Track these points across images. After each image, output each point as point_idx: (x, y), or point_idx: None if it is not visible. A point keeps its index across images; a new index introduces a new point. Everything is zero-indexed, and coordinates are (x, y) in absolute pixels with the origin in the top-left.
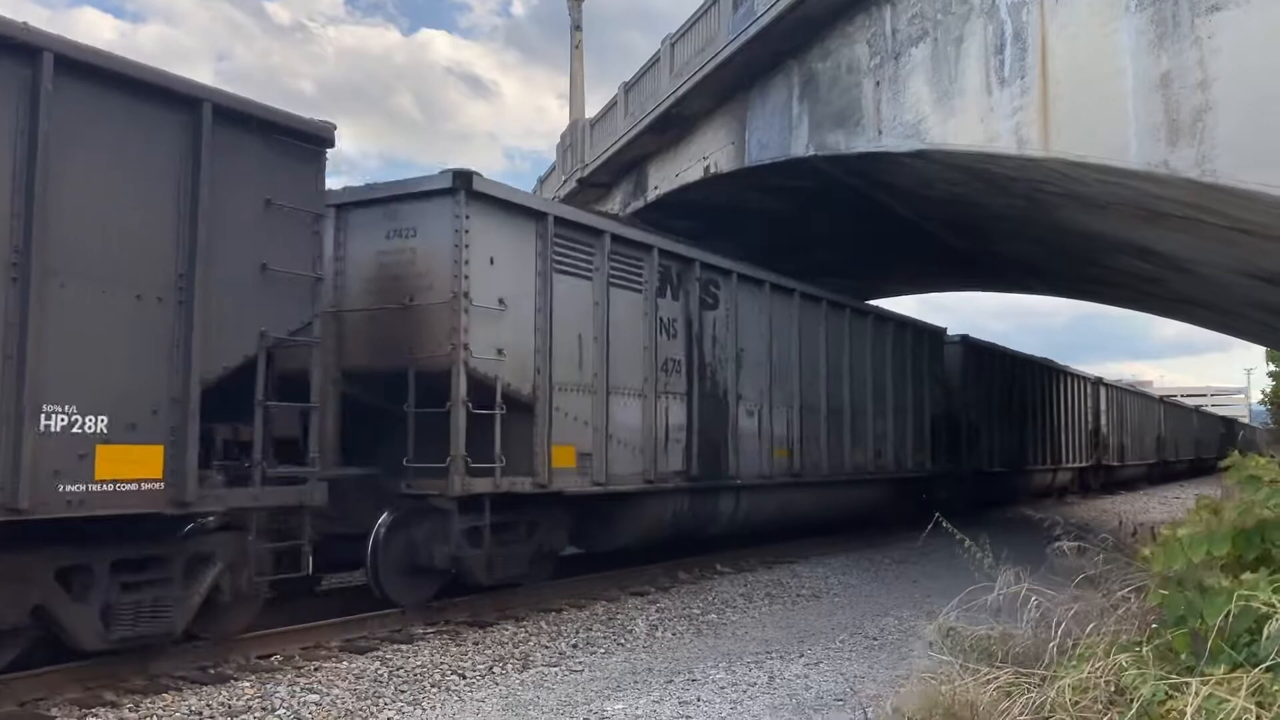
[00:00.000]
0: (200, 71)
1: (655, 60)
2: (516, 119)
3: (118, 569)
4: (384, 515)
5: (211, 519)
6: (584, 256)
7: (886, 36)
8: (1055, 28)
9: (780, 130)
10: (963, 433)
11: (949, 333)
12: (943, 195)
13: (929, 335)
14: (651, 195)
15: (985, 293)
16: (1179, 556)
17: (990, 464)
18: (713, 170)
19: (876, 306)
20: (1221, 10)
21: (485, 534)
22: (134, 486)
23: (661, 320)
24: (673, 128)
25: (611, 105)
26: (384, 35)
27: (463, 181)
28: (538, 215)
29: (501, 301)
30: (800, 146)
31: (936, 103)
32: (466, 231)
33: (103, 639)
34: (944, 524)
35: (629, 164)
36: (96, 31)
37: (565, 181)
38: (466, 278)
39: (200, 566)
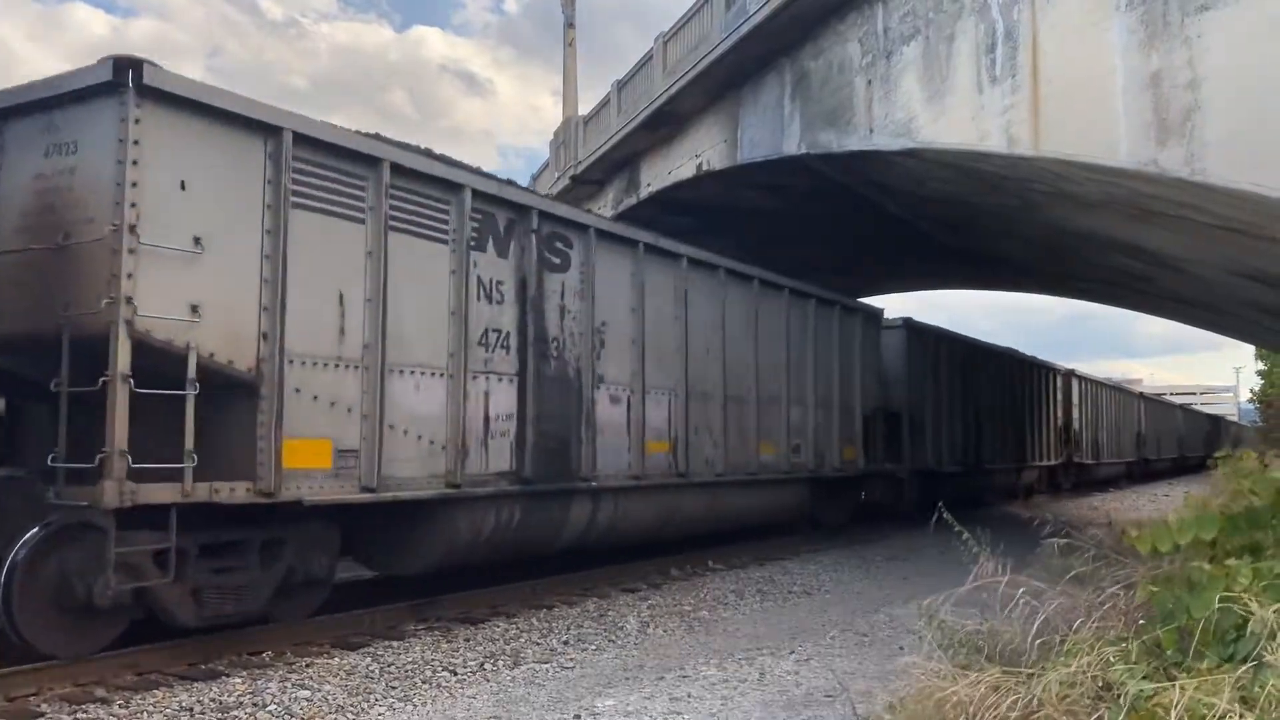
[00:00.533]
0: (191, 67)
1: (648, 58)
2: (510, 116)
3: None
4: (29, 533)
5: None
6: (348, 191)
7: (878, 35)
8: (1046, 27)
9: (772, 128)
10: (904, 427)
11: (889, 316)
12: (934, 194)
13: (864, 316)
14: (644, 192)
15: (977, 291)
16: (1166, 539)
17: (939, 462)
18: (705, 168)
19: (795, 281)
20: (1211, 10)
21: (175, 559)
22: None
23: (479, 280)
24: (665, 125)
25: (605, 103)
26: (377, 32)
27: (130, 75)
28: (267, 129)
29: (198, 241)
30: (792, 145)
31: (928, 101)
32: (136, 142)
33: None
34: (947, 519)
35: (622, 161)
36: (87, 27)
37: (559, 178)
38: (134, 205)
39: None
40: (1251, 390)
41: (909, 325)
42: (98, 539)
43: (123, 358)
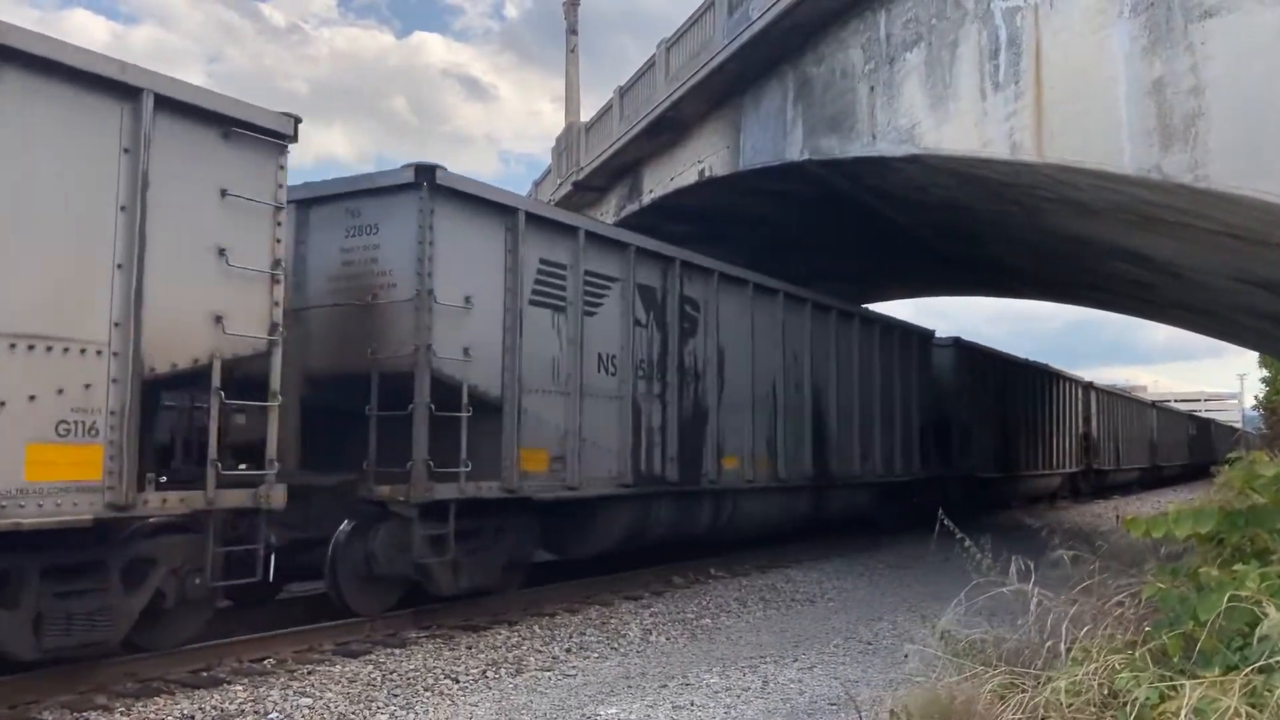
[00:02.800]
0: (192, 73)
1: (650, 64)
2: (510, 122)
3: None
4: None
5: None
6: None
7: (881, 41)
8: (1049, 33)
9: (774, 135)
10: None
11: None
12: (937, 200)
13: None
14: (646, 199)
15: (980, 297)
16: (1161, 527)
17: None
18: (707, 174)
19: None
20: (1214, 17)
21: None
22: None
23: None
24: (667, 132)
25: (607, 109)
26: (377, 38)
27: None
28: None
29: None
30: (794, 151)
31: (930, 108)
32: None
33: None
34: (948, 526)
35: (624, 168)
36: (89, 33)
37: (560, 185)
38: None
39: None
40: (1256, 397)
41: (958, 344)
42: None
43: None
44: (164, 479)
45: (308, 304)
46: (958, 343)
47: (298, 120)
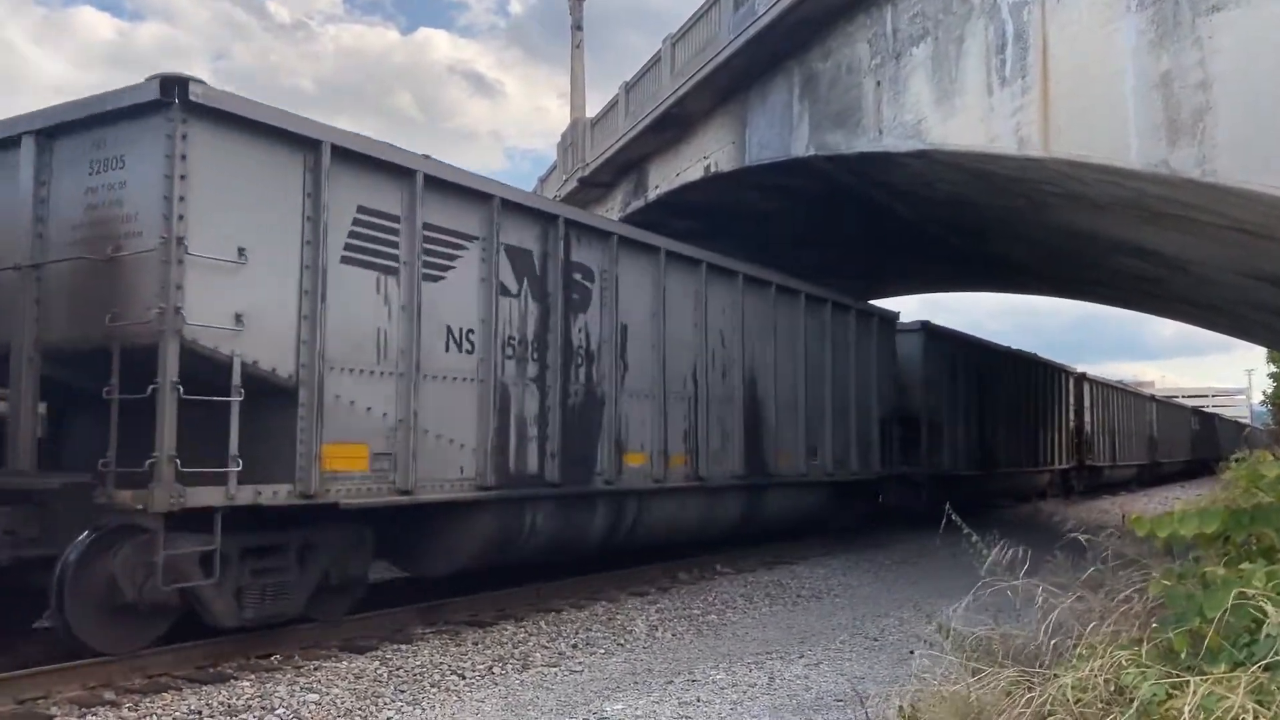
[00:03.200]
0: (197, 70)
1: (656, 60)
2: (516, 119)
3: None
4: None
5: None
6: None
7: (887, 36)
8: (1056, 28)
9: (780, 130)
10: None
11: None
12: (943, 195)
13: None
14: (652, 195)
15: (986, 293)
16: (1166, 526)
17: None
18: (713, 170)
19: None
20: (1222, 10)
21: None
22: None
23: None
24: (673, 127)
25: (612, 105)
26: (383, 34)
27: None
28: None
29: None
30: (800, 146)
31: (937, 103)
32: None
33: None
34: (956, 522)
35: (629, 164)
36: (95, 30)
37: (566, 181)
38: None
39: None
40: (1264, 393)
41: (926, 329)
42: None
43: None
44: None
45: (48, 258)
46: (926, 327)
47: None
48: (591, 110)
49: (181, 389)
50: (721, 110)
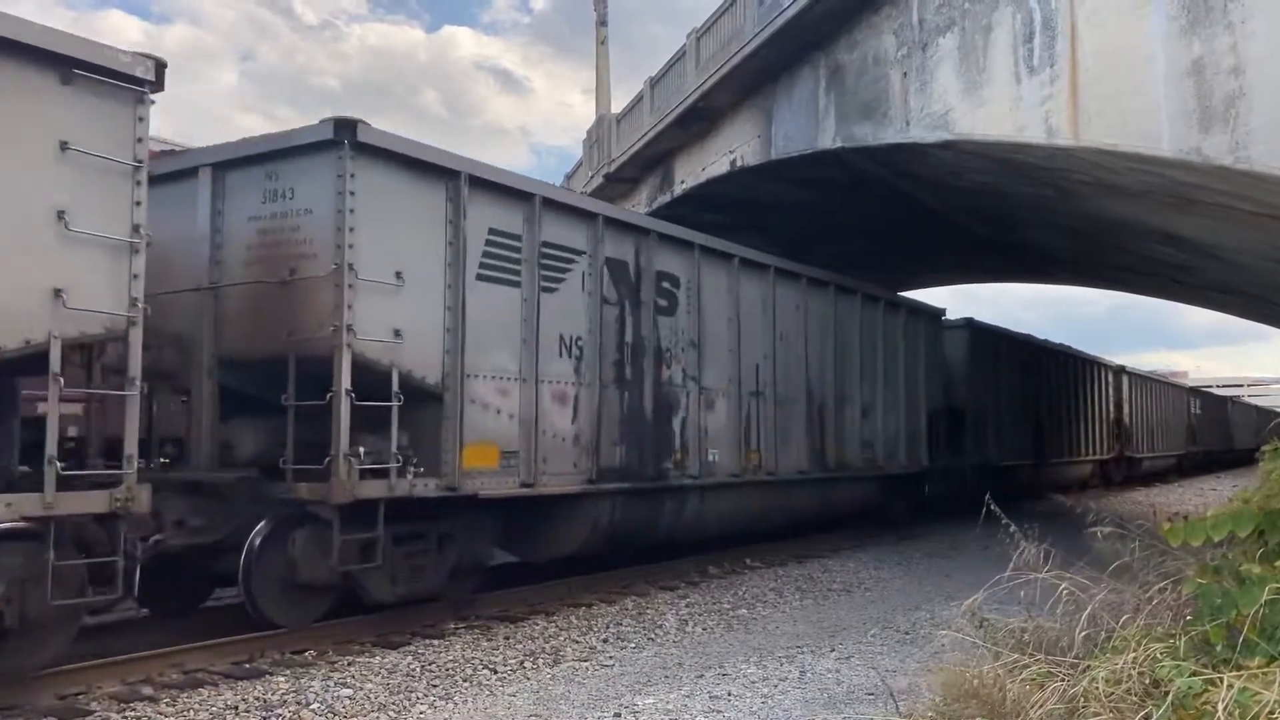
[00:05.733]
0: (224, 71)
1: (681, 54)
2: (543, 115)
3: None
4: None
5: None
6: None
7: (913, 26)
8: (1084, 15)
9: (807, 122)
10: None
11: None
12: (971, 185)
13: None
14: (678, 190)
15: (1017, 284)
16: (1199, 533)
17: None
18: (739, 164)
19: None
20: None
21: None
22: None
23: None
24: (699, 121)
25: (637, 100)
26: (407, 33)
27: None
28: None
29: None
30: (827, 139)
31: (964, 93)
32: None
33: None
34: (995, 512)
35: (655, 159)
36: (122, 33)
37: (592, 177)
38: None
39: None
40: None
41: (971, 325)
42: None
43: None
44: None
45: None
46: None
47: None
48: (616, 105)
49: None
50: (747, 104)
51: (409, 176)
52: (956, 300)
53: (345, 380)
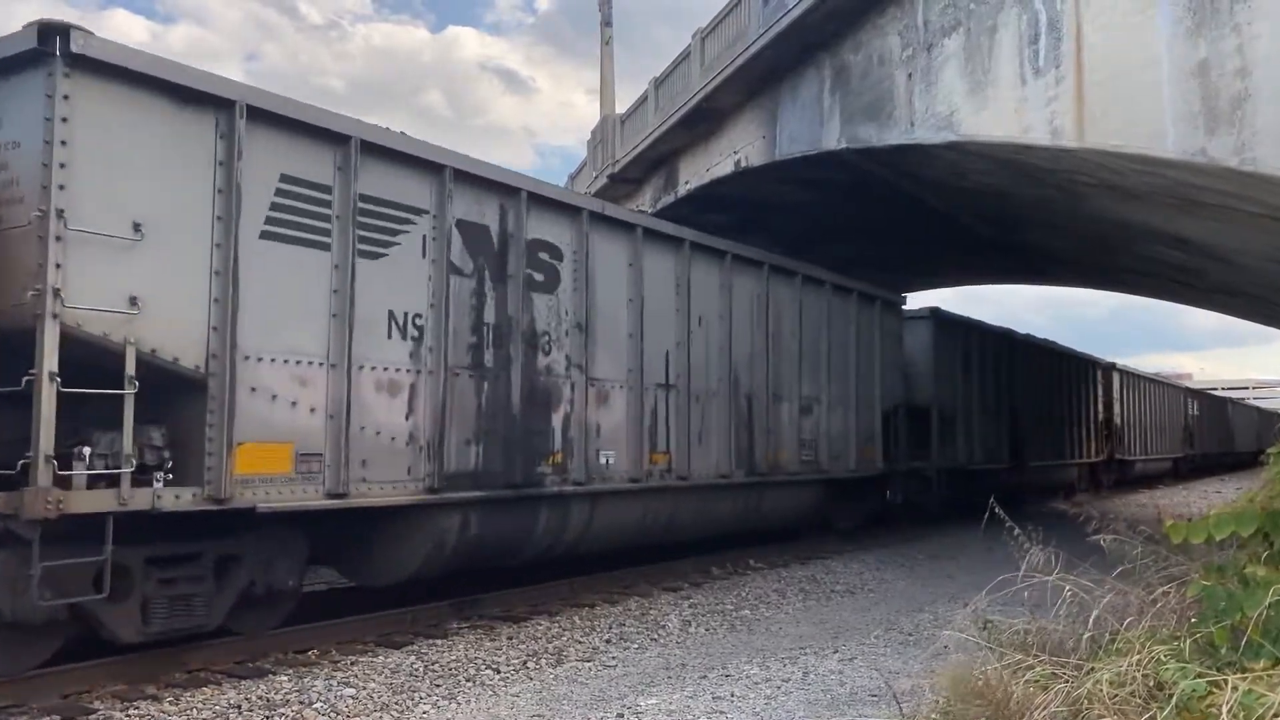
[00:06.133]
0: (229, 71)
1: (685, 55)
2: (544, 114)
3: None
4: None
5: None
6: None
7: (918, 28)
8: (1090, 16)
9: (811, 123)
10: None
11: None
12: (975, 187)
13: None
14: (682, 190)
15: (1022, 285)
16: (1201, 531)
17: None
18: (743, 164)
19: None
20: None
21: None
22: None
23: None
24: (703, 122)
25: (642, 100)
26: (412, 33)
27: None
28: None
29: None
30: (832, 139)
31: (969, 94)
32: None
33: None
34: (1000, 515)
35: (659, 159)
36: (128, 33)
37: (596, 178)
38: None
39: None
40: None
41: (936, 316)
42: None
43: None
44: None
45: None
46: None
47: None
48: (621, 106)
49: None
50: (751, 104)
51: (161, 104)
52: (961, 301)
53: (50, 360)
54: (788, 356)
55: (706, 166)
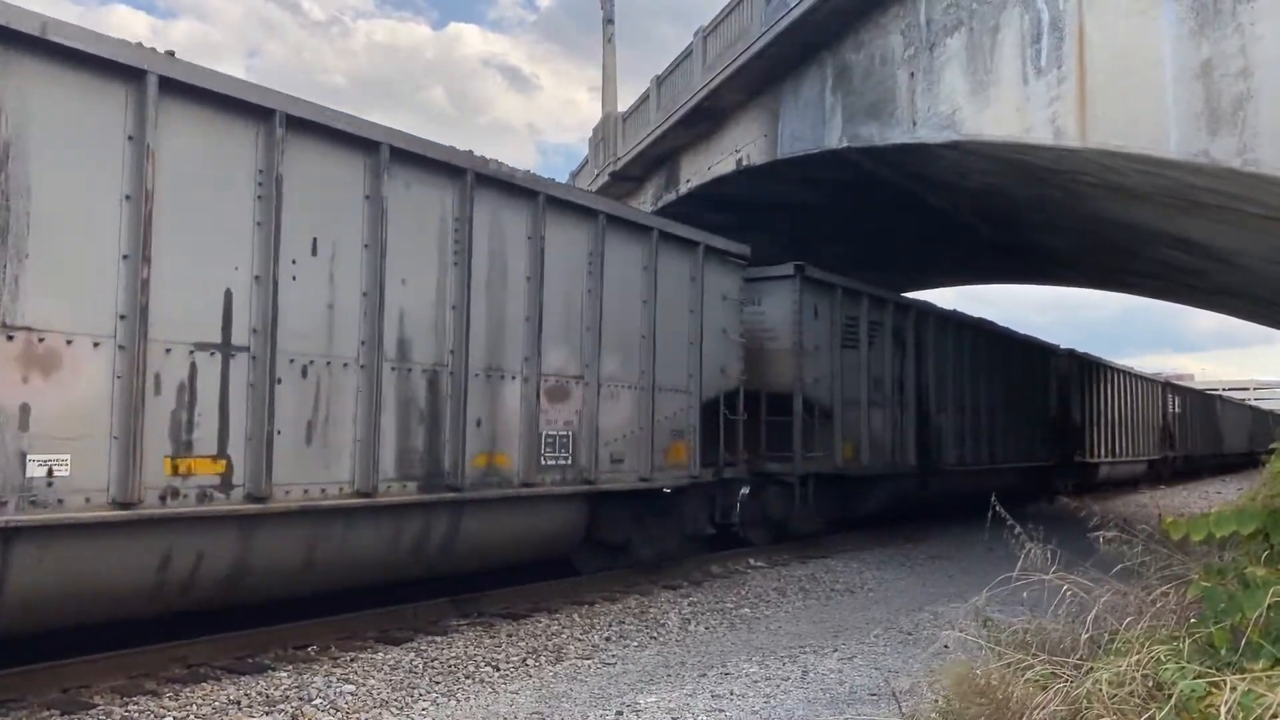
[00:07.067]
0: (231, 68)
1: (687, 53)
2: (547, 112)
3: None
4: None
5: None
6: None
7: (921, 27)
8: (1093, 16)
9: (813, 122)
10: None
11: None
12: (977, 186)
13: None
14: (684, 188)
15: (1026, 285)
16: (1202, 529)
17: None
18: (745, 163)
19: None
20: None
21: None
22: None
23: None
24: (705, 120)
25: (644, 99)
26: (414, 30)
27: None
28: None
29: None
30: (833, 138)
31: (971, 93)
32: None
33: None
34: (1001, 514)
35: (661, 157)
36: (129, 28)
37: (598, 176)
38: None
39: None
40: None
41: (804, 276)
42: None
43: None
44: None
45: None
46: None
47: None
48: (623, 104)
49: None
50: (753, 103)
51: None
52: (964, 302)
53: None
54: (512, 315)
55: (708, 165)
